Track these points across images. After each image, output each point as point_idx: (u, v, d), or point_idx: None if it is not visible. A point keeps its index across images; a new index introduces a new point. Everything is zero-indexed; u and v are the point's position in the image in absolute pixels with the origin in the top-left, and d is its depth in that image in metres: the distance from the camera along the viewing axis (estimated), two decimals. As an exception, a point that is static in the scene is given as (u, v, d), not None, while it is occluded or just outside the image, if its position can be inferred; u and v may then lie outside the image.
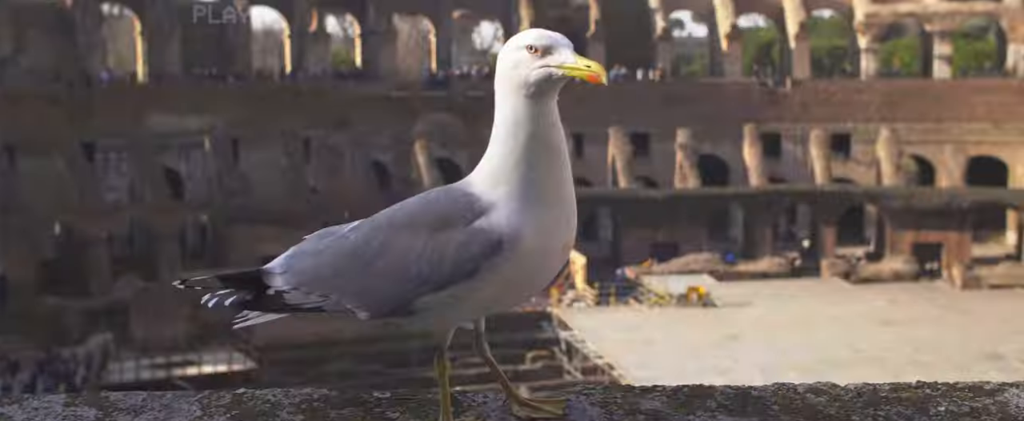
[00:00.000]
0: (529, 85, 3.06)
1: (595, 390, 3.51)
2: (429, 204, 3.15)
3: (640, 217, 57.00)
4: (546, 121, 3.08)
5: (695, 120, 64.42)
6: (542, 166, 3.06)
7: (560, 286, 50.57)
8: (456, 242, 3.03)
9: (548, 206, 3.05)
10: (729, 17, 68.61)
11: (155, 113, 59.26)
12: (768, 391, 3.48)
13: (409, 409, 3.37)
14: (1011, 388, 3.49)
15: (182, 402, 3.40)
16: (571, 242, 3.15)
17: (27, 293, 48.59)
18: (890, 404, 3.39)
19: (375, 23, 66.75)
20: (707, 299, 47.23)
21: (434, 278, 3.04)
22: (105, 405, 3.41)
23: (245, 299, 3.29)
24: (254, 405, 3.38)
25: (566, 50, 3.07)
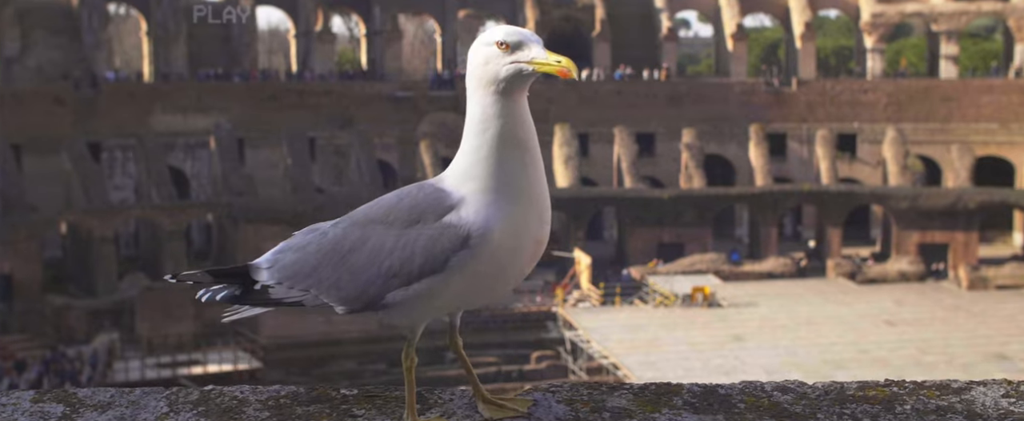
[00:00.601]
0: (499, 81, 3.09)
1: (562, 387, 3.51)
2: (402, 200, 3.18)
3: (645, 217, 56.95)
4: (515, 117, 3.11)
5: (701, 120, 64.39)
6: (511, 162, 3.09)
7: (565, 286, 50.55)
8: (426, 237, 3.07)
9: (517, 202, 3.08)
10: (735, 17, 68.54)
11: (161, 113, 59.36)
12: (735, 389, 3.49)
13: (375, 407, 3.38)
14: (978, 386, 3.50)
15: (149, 398, 3.42)
16: (544, 238, 3.17)
17: (33, 292, 48.65)
18: (856, 402, 3.39)
19: (380, 23, 66.78)
20: (712, 299, 47.17)
21: (404, 273, 3.10)
22: (72, 401, 3.42)
23: (235, 293, 3.37)
24: (221, 402, 3.41)
25: (536, 46, 3.10)
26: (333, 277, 3.22)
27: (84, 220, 51.57)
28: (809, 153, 65.82)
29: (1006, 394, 3.46)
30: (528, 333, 47.39)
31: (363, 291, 3.17)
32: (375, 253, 3.14)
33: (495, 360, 44.95)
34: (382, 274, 3.13)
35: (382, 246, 3.13)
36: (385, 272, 3.12)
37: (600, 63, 67.00)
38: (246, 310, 3.43)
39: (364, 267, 3.16)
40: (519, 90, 3.11)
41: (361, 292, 3.17)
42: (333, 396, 3.43)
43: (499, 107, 3.09)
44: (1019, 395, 3.45)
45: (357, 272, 3.17)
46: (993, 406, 3.37)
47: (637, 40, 69.08)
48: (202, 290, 3.41)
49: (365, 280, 3.16)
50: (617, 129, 62.99)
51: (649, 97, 65.89)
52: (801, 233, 66.88)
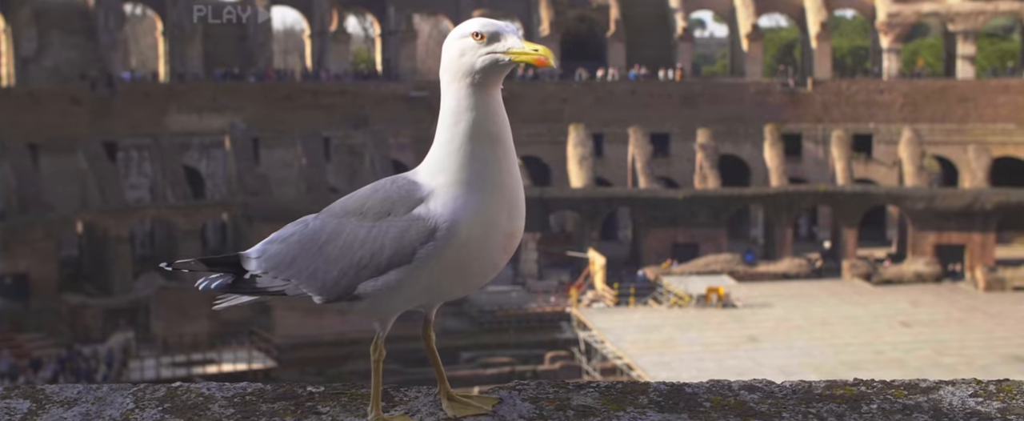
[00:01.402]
0: (475, 73, 3.09)
1: (528, 385, 3.51)
2: (376, 192, 3.22)
3: (660, 217, 56.84)
4: (488, 110, 3.12)
5: (716, 120, 64.26)
6: (482, 155, 3.10)
7: (580, 286, 50.51)
8: (396, 229, 3.10)
9: (487, 195, 3.09)
10: (750, 17, 68.39)
11: (176, 112, 59.52)
12: (702, 388, 3.49)
13: (340, 404, 3.39)
14: (947, 386, 3.50)
15: (116, 395, 3.43)
16: (515, 231, 3.17)
17: (49, 291, 48.84)
18: (823, 401, 3.38)
19: (395, 23, 66.85)
20: (727, 300, 47.05)
21: (374, 264, 3.12)
22: (39, 397, 3.43)
23: (227, 282, 3.44)
24: (187, 398, 3.42)
25: (513, 36, 3.10)
26: (310, 267, 3.27)
27: (100, 219, 51.73)
28: (825, 153, 65.62)
29: (974, 393, 3.45)
30: (542, 333, 47.36)
31: (337, 281, 3.21)
32: (348, 244, 3.18)
33: (509, 360, 44.94)
34: (353, 265, 3.16)
35: (355, 237, 3.17)
36: (356, 263, 3.15)
37: (615, 63, 66.92)
38: (235, 298, 3.49)
39: (338, 258, 3.19)
40: (493, 83, 3.11)
41: (335, 282, 3.21)
42: (299, 393, 3.44)
43: (473, 100, 3.10)
44: (987, 394, 3.44)
45: (331, 263, 3.21)
46: (960, 406, 3.36)
47: (652, 40, 68.96)
48: (202, 279, 3.48)
49: (338, 271, 3.19)
50: (632, 129, 62.91)
51: (664, 97, 65.77)
52: (816, 234, 66.68)
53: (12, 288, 48.44)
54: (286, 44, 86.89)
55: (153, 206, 55.10)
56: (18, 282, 48.68)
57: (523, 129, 65.18)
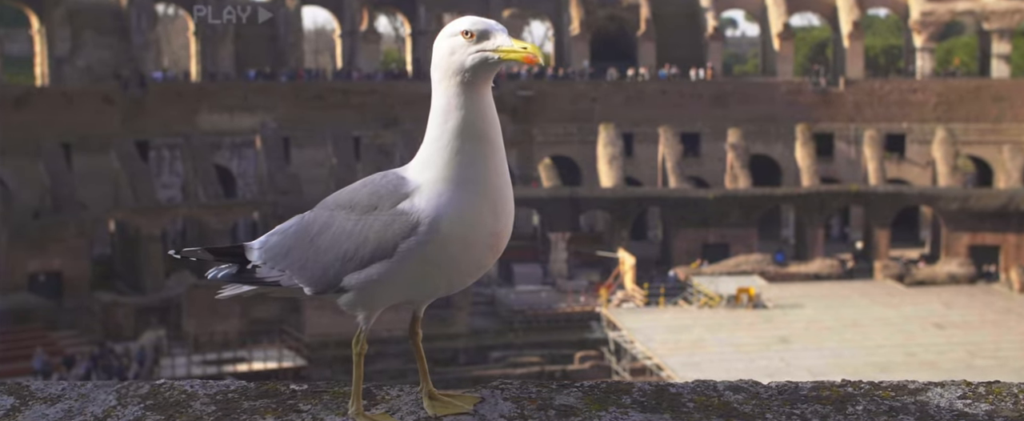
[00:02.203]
0: (465, 71, 3.11)
1: (511, 384, 3.51)
2: (364, 186, 3.28)
3: (690, 217, 56.63)
4: (477, 109, 3.12)
5: (746, 120, 63.99)
6: (468, 153, 3.11)
7: (609, 286, 50.40)
8: (380, 223, 3.14)
9: (471, 193, 3.11)
10: (781, 16, 68.02)
11: (207, 112, 59.84)
12: (686, 388, 3.47)
13: (322, 402, 3.40)
14: (935, 388, 3.47)
15: (99, 392, 3.45)
16: (501, 231, 3.19)
17: (82, 289, 49.20)
18: (808, 402, 3.36)
19: (425, 22, 66.94)
20: (757, 300, 46.81)
21: (358, 257, 3.17)
22: (23, 394, 3.45)
23: (232, 272, 3.54)
24: (170, 396, 3.44)
25: (502, 34, 3.12)
26: (302, 259, 3.33)
27: (132, 218, 52.06)
28: (857, 153, 65.20)
29: (963, 395, 3.43)
30: (571, 333, 47.29)
31: (324, 273, 3.26)
32: (336, 237, 3.22)
33: (538, 360, 44.90)
34: (339, 257, 3.21)
35: (342, 230, 3.21)
36: (342, 255, 3.20)
37: (645, 62, 66.74)
38: (236, 288, 3.57)
39: (326, 250, 3.24)
40: (483, 81, 3.13)
41: (322, 274, 3.26)
42: (281, 391, 3.46)
43: (462, 98, 3.12)
44: (976, 396, 3.42)
45: (321, 254, 3.27)
46: (947, 407, 3.33)
47: (682, 39, 68.74)
48: (213, 269, 3.56)
49: (325, 263, 3.25)
50: (662, 129, 62.72)
51: (694, 97, 65.55)
52: (848, 234, 66.27)
53: (46, 286, 48.83)
54: (317, 44, 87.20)
55: (185, 205, 55.41)
56: (51, 280, 49.08)
57: (553, 129, 65.19)
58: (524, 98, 64.51)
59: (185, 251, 3.62)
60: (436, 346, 46.79)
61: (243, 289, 3.56)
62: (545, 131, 64.96)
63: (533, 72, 69.80)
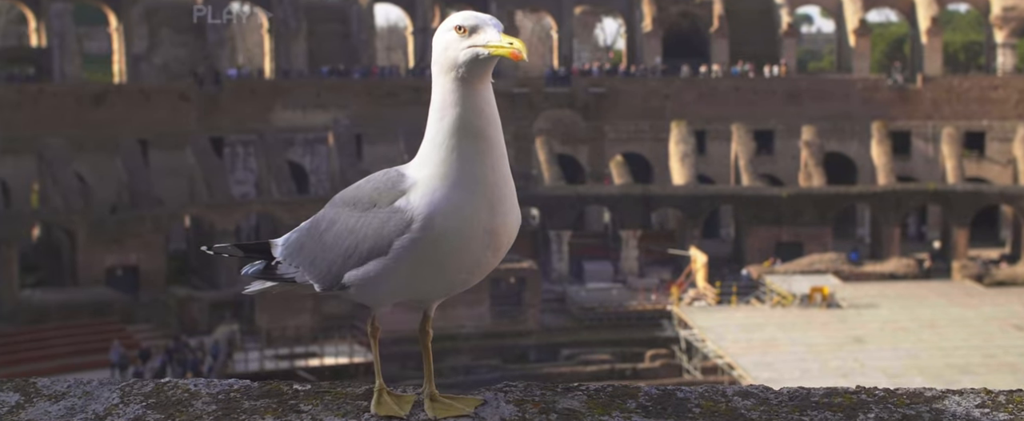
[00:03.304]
0: (458, 67, 3.08)
1: (516, 387, 3.47)
2: (368, 183, 3.29)
3: (763, 215, 56.07)
4: (474, 105, 3.09)
5: (821, 117, 63.21)
6: (465, 150, 3.09)
7: (681, 284, 50.07)
8: (377, 220, 3.15)
9: (467, 190, 3.09)
10: (858, 12, 67.05)
11: (281, 109, 60.43)
12: (694, 393, 3.41)
13: (323, 403, 3.38)
14: (953, 396, 3.37)
15: (103, 390, 3.47)
16: (500, 229, 3.16)
17: (158, 283, 49.96)
18: (819, 409, 3.30)
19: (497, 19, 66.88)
20: (831, 300, 46.17)
21: (357, 254, 3.19)
22: (29, 391, 3.47)
23: (259, 268, 3.59)
24: (173, 394, 3.45)
25: (492, 29, 3.08)
26: (311, 256, 3.37)
27: (207, 214, 52.75)
28: (935, 151, 64.09)
29: (981, 404, 3.33)
30: (642, 331, 47.08)
31: (328, 270, 3.29)
32: (338, 234, 3.25)
33: (608, 358, 44.73)
34: (341, 254, 3.23)
35: (345, 227, 3.24)
36: (343, 252, 3.22)
37: (718, 59, 66.18)
38: (260, 284, 3.62)
39: (330, 247, 3.28)
40: (480, 77, 3.09)
41: (327, 271, 3.29)
42: (284, 391, 3.45)
43: (458, 95, 3.10)
44: (995, 405, 3.32)
45: (325, 252, 3.30)
46: (964, 416, 3.25)
47: (756, 36, 68.07)
48: (248, 266, 3.60)
49: (330, 259, 3.28)
50: (735, 126, 62.15)
51: (768, 94, 64.87)
52: (925, 234, 65.16)
53: (123, 280, 49.66)
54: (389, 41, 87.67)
55: (258, 201, 55.99)
56: (128, 274, 49.90)
57: (625, 126, 64.89)
58: (596, 95, 64.30)
59: (217, 247, 3.64)
60: (506, 343, 46.84)
61: (266, 285, 3.60)
62: (617, 128, 64.68)
63: (606, 69, 69.60)
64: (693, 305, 47.90)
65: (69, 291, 49.07)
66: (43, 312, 46.78)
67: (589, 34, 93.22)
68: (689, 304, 47.92)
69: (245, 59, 77.30)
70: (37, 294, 49.04)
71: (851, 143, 64.62)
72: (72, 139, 54.38)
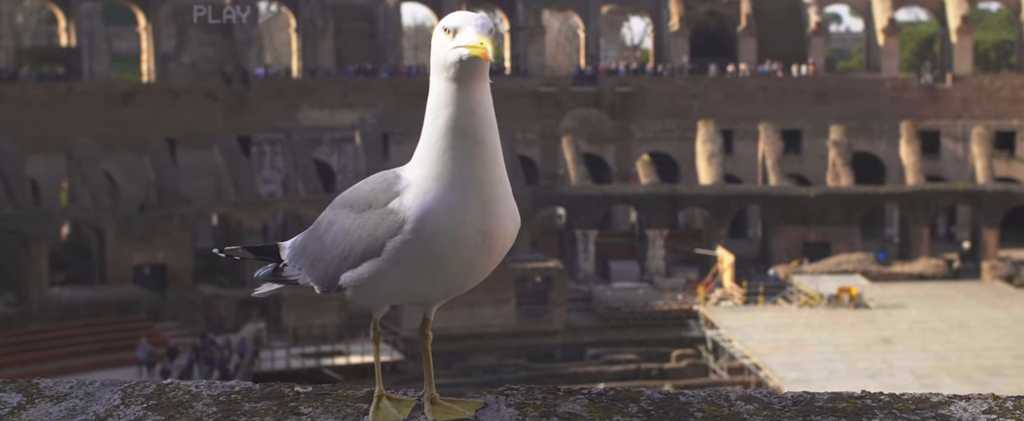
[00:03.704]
0: (448, 67, 3.07)
1: (518, 390, 3.45)
2: (366, 184, 3.28)
3: (791, 215, 55.80)
4: (466, 106, 3.07)
5: (849, 116, 62.86)
6: (457, 152, 3.07)
7: (708, 284, 49.88)
8: (372, 222, 3.15)
9: (458, 191, 3.07)
10: (886, 11, 66.62)
11: (308, 108, 60.59)
12: (697, 397, 3.36)
13: (323, 405, 3.38)
14: (960, 401, 3.31)
15: (105, 391, 3.48)
16: (493, 231, 3.13)
17: (186, 281, 50.19)
18: (823, 414, 3.26)
19: (524, 19, 66.92)
20: (859, 300, 45.87)
21: (352, 256, 3.19)
22: (31, 392, 3.49)
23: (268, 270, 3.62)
24: (174, 396, 3.46)
25: (470, 29, 3.05)
26: (312, 258, 3.38)
27: (234, 212, 52.96)
28: (964, 151, 63.63)
29: (988, 410, 3.27)
30: (668, 331, 46.95)
31: (326, 272, 3.29)
32: (336, 236, 3.25)
33: (635, 358, 44.63)
34: (337, 256, 3.23)
35: (342, 229, 3.24)
36: (340, 254, 3.23)
37: (745, 58, 65.92)
38: (268, 286, 3.64)
39: (328, 249, 3.28)
40: (472, 78, 3.07)
41: (325, 273, 3.30)
42: (285, 393, 3.46)
43: (449, 96, 3.07)
44: (1003, 411, 3.26)
45: (324, 253, 3.31)
46: None
47: (784, 35, 67.77)
48: (260, 268, 3.64)
49: (327, 261, 3.28)
50: (762, 125, 61.88)
51: (796, 93, 64.57)
52: (955, 234, 64.65)
53: (151, 278, 49.93)
54: (416, 40, 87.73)
55: (285, 199, 56.17)
56: (156, 272, 50.16)
57: (652, 125, 64.73)
58: (623, 94, 64.17)
59: (227, 249, 3.66)
60: (532, 342, 46.80)
61: (273, 287, 3.63)
62: (644, 127, 64.52)
63: (633, 68, 69.44)
64: (720, 305, 47.71)
65: (97, 289, 49.39)
66: (72, 310, 47.10)
67: (616, 33, 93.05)
68: (716, 304, 47.74)
69: (272, 58, 77.58)
70: (66, 292, 49.37)
71: (880, 143, 64.23)
72: (101, 138, 54.70)
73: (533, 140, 63.44)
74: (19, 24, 71.26)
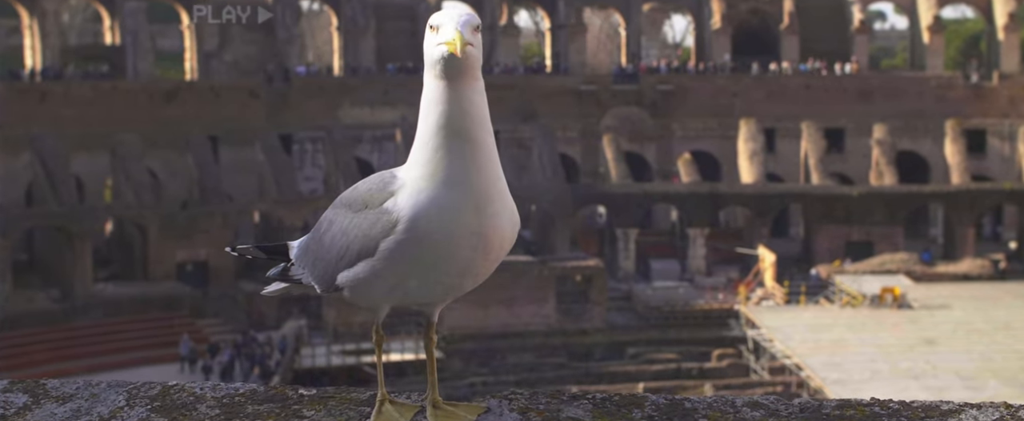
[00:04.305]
0: (434, 65, 3.05)
1: (522, 395, 3.42)
2: (364, 184, 3.30)
3: (833, 215, 55.35)
4: (455, 104, 3.03)
5: (893, 115, 62.26)
6: (447, 150, 3.03)
7: (749, 283, 49.58)
8: (367, 221, 3.14)
9: (450, 191, 3.03)
10: (932, 8, 65.92)
11: (349, 106, 60.80)
12: (702, 404, 3.31)
13: (326, 408, 3.37)
14: (970, 409, 3.22)
15: (111, 392, 3.50)
16: (488, 232, 3.08)
17: (227, 278, 50.48)
18: None
19: (565, 17, 66.79)
20: (902, 300, 45.41)
21: (347, 255, 3.18)
22: (37, 392, 3.52)
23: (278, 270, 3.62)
24: (179, 398, 3.47)
25: (449, 25, 3.02)
26: (313, 258, 3.38)
27: (275, 210, 53.22)
28: (1011, 150, 62.85)
29: (999, 419, 3.18)
30: (709, 331, 46.70)
31: (325, 271, 3.29)
32: (334, 236, 3.25)
33: (675, 357, 44.43)
34: (335, 255, 3.23)
35: (339, 229, 3.23)
36: (337, 254, 3.22)
37: (788, 57, 65.45)
38: (276, 286, 3.64)
39: (327, 248, 3.27)
40: (461, 76, 3.04)
41: (324, 272, 3.30)
42: (288, 396, 3.46)
43: (439, 93, 3.05)
44: (1015, 420, 3.18)
45: (323, 253, 3.30)
46: None
47: (828, 33, 67.25)
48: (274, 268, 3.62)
49: (326, 260, 3.27)
50: (805, 124, 61.39)
51: (839, 91, 64.07)
52: (1001, 234, 63.87)
53: (193, 275, 50.27)
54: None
55: (326, 197, 56.29)
56: (198, 269, 50.50)
57: (693, 123, 64.44)
58: (664, 93, 63.91)
59: (239, 248, 3.69)
60: (572, 341, 46.68)
61: (281, 287, 3.63)
62: (685, 126, 64.25)
63: (674, 66, 69.15)
64: (761, 305, 47.40)
65: (140, 285, 49.81)
66: (115, 306, 47.52)
67: (657, 31, 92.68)
68: (757, 304, 47.43)
69: (314, 56, 77.92)
70: (109, 288, 49.83)
71: (924, 141, 63.59)
72: (144, 135, 55.14)
73: (574, 138, 63.33)
74: (65, 23, 72.00)
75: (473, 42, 3.03)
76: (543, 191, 55.84)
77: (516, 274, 45.83)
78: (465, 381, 42.07)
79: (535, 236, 58.87)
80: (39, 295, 48.08)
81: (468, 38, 3.00)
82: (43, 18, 61.62)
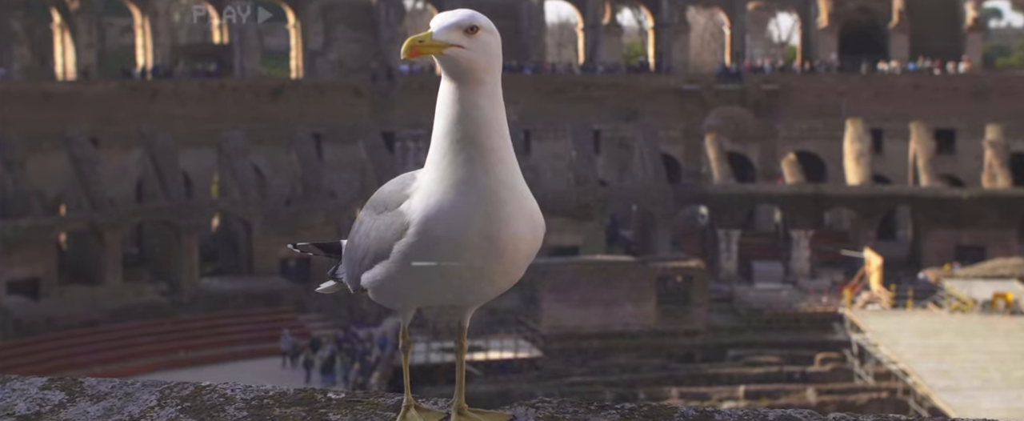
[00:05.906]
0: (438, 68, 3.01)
1: (549, 403, 3.35)
2: (387, 186, 3.28)
3: (943, 217, 53.99)
4: (462, 109, 2.98)
5: (1008, 116, 60.53)
6: (456, 154, 2.98)
7: (854, 287, 48.63)
8: (384, 223, 3.15)
9: (458, 195, 2.98)
10: (1050, 5, 63.94)
11: (451, 104, 61.00)
12: (733, 416, 3.20)
13: (354, 413, 3.34)
14: None
15: (144, 392, 3.54)
16: (499, 236, 3.01)
17: (329, 275, 51.00)
18: None
19: (668, 16, 66.26)
20: (1016, 307, 44.07)
21: (368, 257, 3.20)
22: (74, 390, 3.56)
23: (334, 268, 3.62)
24: (209, 399, 3.50)
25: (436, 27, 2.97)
26: (347, 258, 3.41)
27: (377, 207, 53.63)
28: None
29: None
30: (812, 334, 45.92)
31: (352, 272, 3.32)
32: (360, 237, 3.28)
33: (777, 360, 43.76)
34: (360, 256, 3.25)
35: (363, 230, 3.26)
36: (360, 255, 3.25)
37: (897, 55, 64.07)
38: (328, 284, 3.67)
39: (354, 249, 3.31)
40: (468, 80, 3.00)
41: (351, 273, 3.34)
42: (316, 399, 3.47)
43: (447, 97, 3.04)
44: None
45: (351, 253, 3.34)
46: None
47: (939, 31, 65.67)
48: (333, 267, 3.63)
49: (354, 262, 3.31)
50: (913, 125, 60.02)
51: (950, 91, 62.49)
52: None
53: (296, 271, 50.96)
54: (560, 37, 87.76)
55: (427, 195, 56.74)
56: (301, 265, 51.13)
57: (798, 123, 63.46)
58: (768, 92, 63.02)
59: (299, 245, 3.75)
60: (672, 342, 46.23)
61: (329, 285, 3.66)
62: (789, 126, 63.28)
63: (779, 66, 68.18)
64: (866, 308, 46.43)
65: (245, 280, 50.63)
66: (220, 300, 48.40)
67: (762, 30, 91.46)
68: (862, 307, 46.47)
69: (417, 55, 78.37)
70: (215, 282, 50.76)
71: (1040, 143, 61.75)
72: (250, 132, 56.04)
73: (676, 138, 62.79)
74: (175, 22, 73.56)
75: (464, 44, 2.97)
76: (644, 191, 55.43)
77: (616, 274, 45.55)
78: (565, 380, 41.93)
79: (635, 236, 58.53)
80: (148, 288, 49.16)
81: (455, 40, 2.96)
82: (154, 18, 63.02)
